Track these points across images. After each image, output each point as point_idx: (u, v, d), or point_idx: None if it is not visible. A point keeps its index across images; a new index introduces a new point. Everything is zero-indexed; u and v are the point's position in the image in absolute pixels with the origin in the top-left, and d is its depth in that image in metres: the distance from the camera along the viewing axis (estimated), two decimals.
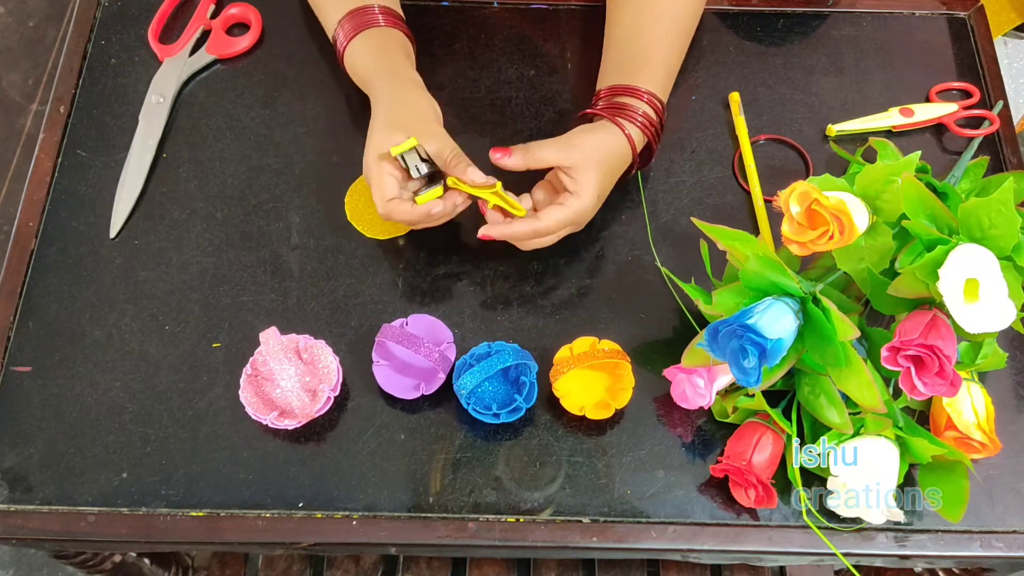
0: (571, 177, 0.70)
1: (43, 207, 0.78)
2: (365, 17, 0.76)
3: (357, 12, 0.76)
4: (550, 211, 0.70)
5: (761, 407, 0.66)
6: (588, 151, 0.70)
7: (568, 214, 0.70)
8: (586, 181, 0.70)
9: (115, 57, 0.86)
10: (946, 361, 0.57)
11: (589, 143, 0.71)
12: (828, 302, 0.59)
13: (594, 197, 0.70)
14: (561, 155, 0.70)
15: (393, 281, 0.76)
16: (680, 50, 0.79)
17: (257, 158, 0.81)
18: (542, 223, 0.69)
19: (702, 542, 0.66)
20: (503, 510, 0.67)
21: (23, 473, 0.68)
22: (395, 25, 0.77)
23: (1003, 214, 0.56)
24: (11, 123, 1.62)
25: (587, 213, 0.71)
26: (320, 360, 0.70)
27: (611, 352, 0.70)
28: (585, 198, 0.70)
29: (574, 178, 0.70)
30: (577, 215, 0.70)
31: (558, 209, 0.70)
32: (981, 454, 0.65)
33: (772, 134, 0.83)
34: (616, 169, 0.73)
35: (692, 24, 0.80)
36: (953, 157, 0.82)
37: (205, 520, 0.67)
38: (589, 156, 0.70)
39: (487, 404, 0.69)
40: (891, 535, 0.67)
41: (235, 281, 0.75)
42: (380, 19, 0.76)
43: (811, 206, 0.59)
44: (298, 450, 0.69)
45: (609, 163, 0.71)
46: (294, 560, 0.95)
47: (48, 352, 0.72)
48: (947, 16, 0.90)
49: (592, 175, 0.70)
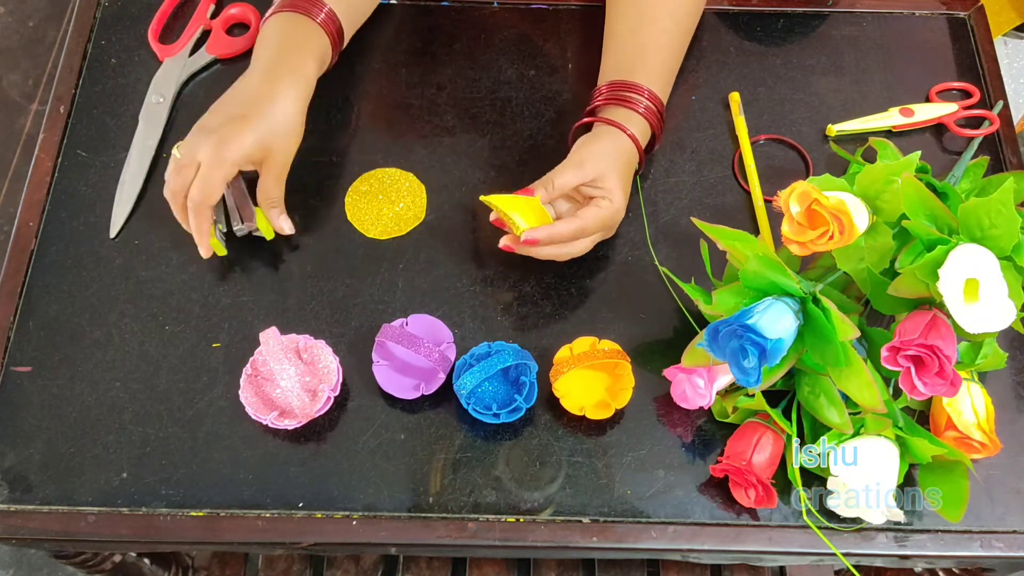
0: (598, 187, 0.71)
1: (43, 207, 0.78)
2: (308, 4, 0.74)
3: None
4: (587, 212, 0.70)
5: (761, 407, 0.66)
6: (600, 159, 0.71)
7: (604, 214, 0.70)
8: (611, 185, 0.70)
9: (115, 57, 0.86)
10: (946, 361, 0.57)
11: (597, 152, 0.71)
12: (828, 302, 0.59)
13: (623, 198, 0.71)
14: (579, 174, 0.70)
15: (393, 281, 0.76)
16: (679, 50, 0.79)
17: None
18: (583, 222, 0.69)
19: (702, 542, 0.67)
20: (503, 510, 0.67)
21: (23, 473, 0.68)
22: (328, 30, 0.75)
23: (1003, 214, 0.56)
24: (11, 123, 1.62)
25: (619, 214, 0.72)
26: (320, 360, 0.70)
27: (611, 352, 0.70)
28: (616, 200, 0.71)
29: (600, 187, 0.70)
30: (612, 215, 0.71)
31: (594, 210, 0.70)
32: (981, 454, 0.65)
33: (772, 134, 0.83)
34: (629, 168, 0.74)
35: (692, 24, 0.80)
36: (953, 157, 0.82)
37: (205, 520, 0.67)
38: (603, 163, 0.71)
39: (487, 404, 0.69)
40: (891, 535, 0.67)
41: (235, 281, 0.75)
42: (319, 15, 0.74)
43: (811, 206, 0.59)
44: (298, 450, 0.69)
45: (622, 164, 0.72)
46: (294, 560, 0.95)
47: (48, 352, 0.72)
48: (947, 16, 0.90)
49: (615, 178, 0.71)
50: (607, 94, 0.75)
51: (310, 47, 0.74)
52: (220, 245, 0.74)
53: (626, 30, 0.78)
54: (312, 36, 0.74)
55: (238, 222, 0.75)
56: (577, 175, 0.70)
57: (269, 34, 0.74)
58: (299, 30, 0.74)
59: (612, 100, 0.74)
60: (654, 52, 0.77)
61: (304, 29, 0.74)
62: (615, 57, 0.78)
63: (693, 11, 0.80)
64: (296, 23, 0.74)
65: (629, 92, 0.74)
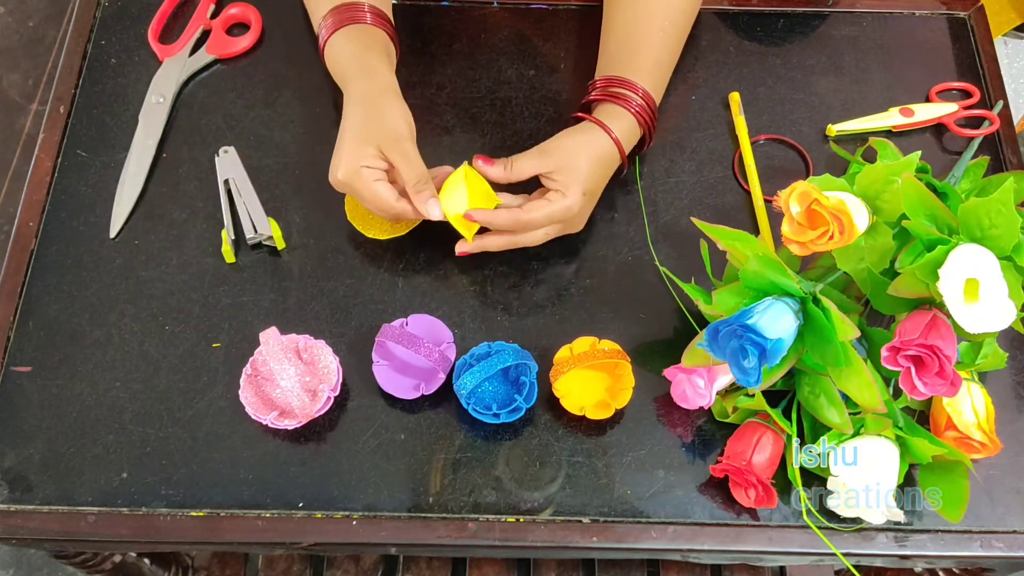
0: (553, 179, 0.71)
1: (43, 207, 0.78)
2: (351, 13, 0.75)
3: (344, 7, 0.75)
4: (534, 204, 0.70)
5: (761, 407, 0.66)
6: (567, 153, 0.71)
7: (552, 210, 0.70)
8: (569, 181, 0.70)
9: (115, 57, 0.86)
10: (946, 361, 0.57)
11: (567, 145, 0.71)
12: (828, 302, 0.59)
13: (578, 196, 0.70)
14: (540, 162, 0.71)
15: (393, 281, 0.76)
16: (674, 49, 0.80)
17: (257, 158, 0.81)
18: (525, 214, 0.70)
19: (702, 542, 0.66)
20: (503, 510, 0.67)
21: (23, 473, 0.68)
22: (381, 25, 0.77)
23: (1003, 214, 0.56)
24: (11, 123, 1.62)
25: (573, 211, 0.71)
26: (320, 360, 0.70)
27: (611, 352, 0.70)
28: (570, 197, 0.70)
29: (556, 179, 0.70)
30: (563, 212, 0.70)
31: (543, 204, 0.70)
32: (981, 454, 0.65)
33: (772, 134, 0.83)
34: (603, 168, 0.73)
35: (687, 23, 0.81)
36: (953, 157, 0.82)
37: (205, 520, 0.67)
38: (569, 158, 0.71)
39: (487, 404, 0.69)
40: (891, 535, 0.67)
41: (235, 281, 0.75)
42: (367, 17, 0.76)
43: (811, 206, 0.59)
44: (298, 450, 0.69)
45: (594, 163, 0.72)
46: (294, 560, 0.95)
47: (48, 352, 0.72)
48: (947, 16, 0.90)
49: (574, 175, 0.70)
50: (601, 89, 0.75)
51: (377, 52, 0.75)
52: (230, 252, 0.75)
53: (622, 28, 0.78)
54: (374, 41, 0.75)
55: (251, 231, 0.75)
56: (537, 163, 0.71)
57: (339, 60, 0.75)
58: (360, 40, 0.75)
59: (606, 96, 0.74)
60: (649, 51, 0.77)
61: (363, 37, 0.75)
62: (610, 54, 0.78)
63: (689, 11, 0.80)
64: (353, 37, 0.75)
65: (623, 89, 0.74)
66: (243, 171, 0.79)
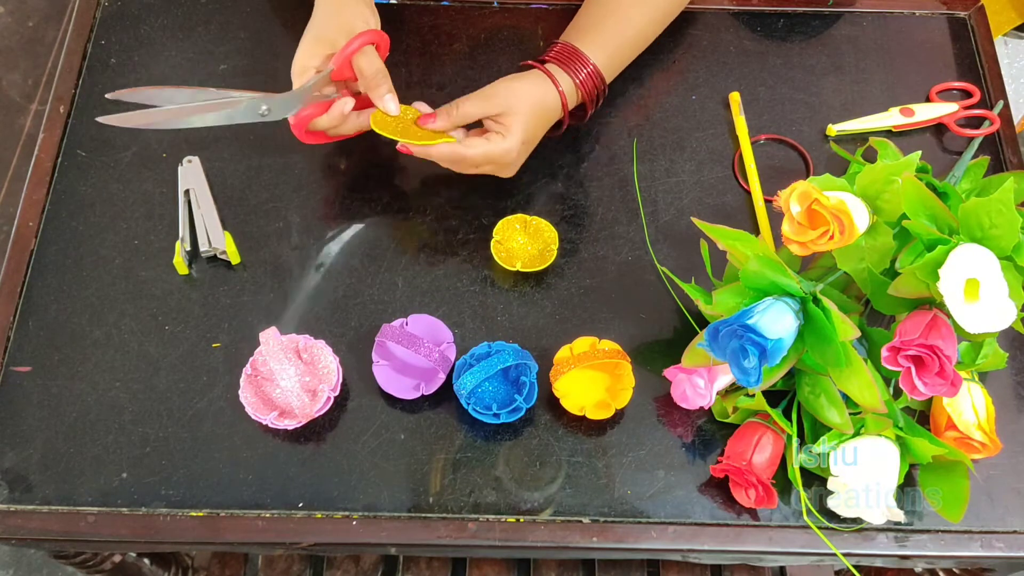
0: (496, 122, 0.72)
1: (43, 207, 0.78)
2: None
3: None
4: (473, 141, 0.72)
5: (761, 407, 0.66)
6: (511, 98, 0.72)
7: (490, 148, 0.72)
8: (511, 124, 0.72)
9: (115, 57, 0.86)
10: (946, 361, 0.57)
11: (512, 90, 0.73)
12: (828, 302, 0.59)
13: (518, 140, 0.73)
14: (484, 105, 0.72)
15: (393, 281, 0.76)
16: (641, 44, 0.81)
17: (257, 158, 0.81)
18: (465, 150, 0.72)
19: (702, 542, 0.66)
20: (503, 510, 0.67)
21: (23, 473, 0.68)
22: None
23: (1003, 214, 0.56)
24: (11, 123, 1.62)
25: (509, 154, 0.73)
26: (320, 360, 0.70)
27: (611, 352, 0.70)
28: (509, 139, 0.72)
29: (499, 123, 0.72)
30: (501, 153, 0.72)
31: (482, 142, 0.72)
32: (981, 454, 0.65)
33: (772, 134, 0.83)
34: (544, 117, 0.75)
35: (664, 19, 0.82)
36: (953, 157, 0.82)
37: (205, 520, 0.67)
38: (512, 102, 0.72)
39: (487, 404, 0.69)
40: (891, 535, 0.67)
41: (235, 281, 0.75)
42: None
43: (811, 206, 0.59)
44: (298, 450, 0.69)
45: (536, 111, 0.73)
46: (294, 560, 0.95)
47: (48, 352, 0.72)
48: (947, 16, 0.90)
49: (517, 119, 0.72)
50: (556, 52, 0.77)
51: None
52: (183, 264, 0.74)
53: (596, 8, 0.79)
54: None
55: (206, 244, 0.75)
56: (482, 106, 0.72)
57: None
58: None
59: (556, 58, 0.76)
60: (613, 35, 0.78)
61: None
62: (578, 27, 0.79)
63: (668, 11, 0.81)
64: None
65: (575, 60, 0.76)
66: (204, 181, 0.78)
